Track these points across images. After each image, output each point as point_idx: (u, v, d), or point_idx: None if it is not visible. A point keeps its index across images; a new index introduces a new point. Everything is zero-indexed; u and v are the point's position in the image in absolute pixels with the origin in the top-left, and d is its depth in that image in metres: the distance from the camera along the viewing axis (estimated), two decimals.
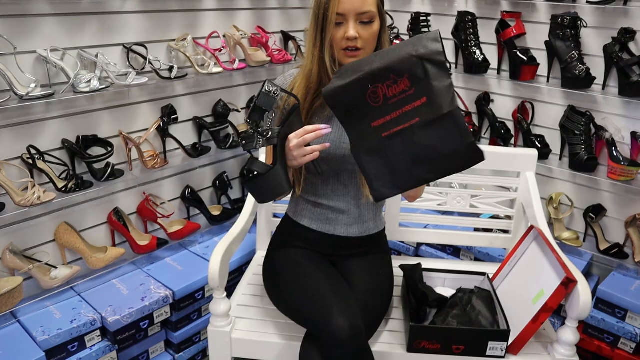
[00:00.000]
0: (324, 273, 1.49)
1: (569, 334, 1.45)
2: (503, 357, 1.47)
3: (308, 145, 1.32)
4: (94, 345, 1.79)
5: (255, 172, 1.30)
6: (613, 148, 2.08)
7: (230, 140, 2.32)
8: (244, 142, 1.29)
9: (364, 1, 1.34)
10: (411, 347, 1.48)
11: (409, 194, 1.48)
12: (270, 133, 1.29)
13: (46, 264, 1.84)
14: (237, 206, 2.48)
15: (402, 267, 1.73)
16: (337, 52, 1.39)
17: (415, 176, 1.23)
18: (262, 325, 1.60)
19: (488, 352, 1.47)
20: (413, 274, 1.68)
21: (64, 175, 1.86)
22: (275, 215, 2.02)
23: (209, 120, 2.33)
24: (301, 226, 1.59)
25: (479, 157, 1.18)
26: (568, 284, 1.41)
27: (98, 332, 1.80)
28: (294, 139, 1.30)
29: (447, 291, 1.71)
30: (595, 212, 2.22)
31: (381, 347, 1.51)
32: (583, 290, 1.40)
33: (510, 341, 1.47)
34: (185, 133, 2.26)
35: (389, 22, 2.48)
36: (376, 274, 1.58)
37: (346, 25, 1.35)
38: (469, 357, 1.48)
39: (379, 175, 1.25)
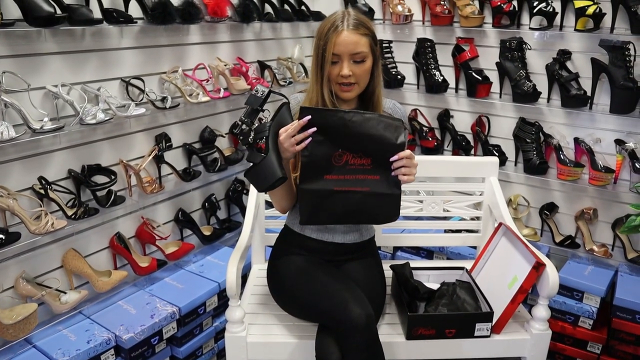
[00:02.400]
0: (329, 272, 1.65)
1: (542, 310, 1.69)
2: (489, 336, 1.68)
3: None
4: None
5: (252, 163, 1.49)
6: (560, 152, 2.40)
7: (218, 164, 2.48)
8: (240, 137, 1.49)
9: (356, 44, 1.51)
10: (410, 335, 1.67)
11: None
12: (261, 128, 1.48)
13: (56, 289, 1.93)
14: (225, 226, 2.62)
15: (392, 267, 1.92)
16: (334, 86, 1.57)
17: (337, 219, 1.60)
18: (273, 328, 1.73)
19: (476, 333, 1.68)
20: (403, 271, 1.88)
21: (70, 204, 1.96)
22: (268, 231, 2.17)
23: (197, 145, 2.48)
24: (301, 235, 1.73)
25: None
26: (538, 267, 1.65)
27: (112, 351, 1.89)
28: (284, 132, 1.47)
29: (432, 285, 1.92)
30: (549, 210, 2.52)
31: (382, 337, 1.69)
32: (551, 272, 1.65)
33: (493, 322, 1.69)
34: (176, 159, 2.40)
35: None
36: (372, 274, 1.76)
37: (341, 64, 1.53)
38: (459, 339, 1.68)
39: (311, 208, 1.55)
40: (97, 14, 1.91)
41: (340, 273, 1.68)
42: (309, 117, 1.47)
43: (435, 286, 1.89)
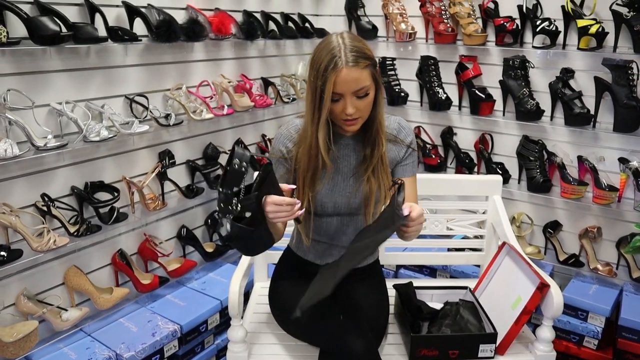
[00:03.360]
0: (331, 296, 1.64)
1: (546, 332, 1.67)
2: (492, 357, 1.66)
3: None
4: None
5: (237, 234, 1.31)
6: (564, 171, 2.39)
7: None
8: (221, 206, 1.28)
9: (358, 80, 1.37)
10: (413, 356, 1.65)
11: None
12: (246, 201, 1.29)
13: (57, 306, 1.92)
14: (227, 243, 2.61)
15: (395, 286, 1.91)
16: (337, 121, 1.46)
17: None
18: (275, 348, 1.72)
19: (480, 354, 1.66)
20: (407, 291, 1.86)
21: (73, 220, 1.96)
22: (270, 248, 2.16)
23: (201, 162, 2.49)
24: (303, 260, 1.71)
25: None
26: (542, 288, 1.64)
27: None
28: (271, 205, 1.32)
29: (435, 305, 1.91)
30: (552, 228, 2.51)
31: (385, 358, 1.67)
32: (556, 293, 1.63)
33: (497, 343, 1.68)
34: (179, 175, 2.40)
35: None
36: (375, 294, 1.75)
37: (344, 101, 1.39)
38: None
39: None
40: (102, 32, 1.92)
41: (342, 296, 1.66)
42: (302, 210, 1.37)
43: (438, 306, 1.88)
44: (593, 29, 2.22)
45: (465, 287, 1.96)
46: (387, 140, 1.59)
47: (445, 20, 2.63)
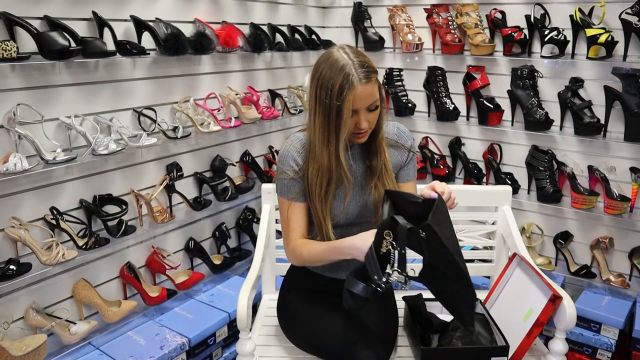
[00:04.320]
0: (340, 310, 1.61)
1: (559, 344, 1.64)
2: None
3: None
4: None
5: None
6: (574, 181, 2.36)
7: (229, 193, 2.47)
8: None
9: (372, 95, 1.40)
10: None
11: None
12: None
13: (66, 320, 1.92)
14: (235, 254, 2.61)
15: (404, 298, 1.89)
16: (348, 135, 1.45)
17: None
18: None
19: None
20: (416, 303, 1.84)
21: (81, 234, 1.96)
22: (278, 260, 2.15)
23: (208, 174, 2.49)
24: (312, 273, 1.69)
25: None
26: (555, 300, 1.61)
27: None
28: None
29: (445, 317, 1.89)
30: (563, 238, 2.48)
31: None
32: (568, 305, 1.60)
33: (509, 356, 1.65)
34: (187, 188, 2.40)
35: None
36: (384, 307, 1.73)
37: (357, 117, 1.41)
38: None
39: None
40: (110, 46, 1.94)
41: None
42: None
43: (448, 318, 1.86)
44: (602, 38, 2.21)
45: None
46: (389, 146, 1.60)
47: (453, 31, 2.63)
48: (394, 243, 1.29)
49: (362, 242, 1.38)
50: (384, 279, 1.28)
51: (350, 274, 1.35)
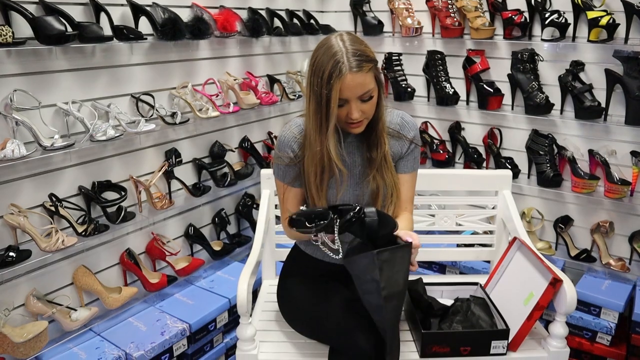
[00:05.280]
0: (339, 295, 1.61)
1: (559, 327, 1.64)
2: (505, 354, 1.64)
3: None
4: None
5: None
6: (575, 165, 2.36)
7: (228, 179, 2.47)
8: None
9: (363, 84, 1.35)
10: (424, 353, 1.63)
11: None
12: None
13: (67, 306, 1.92)
14: (235, 240, 2.61)
15: None
16: (342, 124, 1.45)
17: None
18: (284, 346, 1.71)
19: (492, 351, 1.64)
20: (416, 287, 1.85)
21: (80, 220, 1.96)
22: (278, 246, 2.15)
23: (207, 160, 2.48)
24: (312, 258, 1.70)
25: None
26: (555, 283, 1.61)
27: None
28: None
29: (446, 301, 1.89)
30: (563, 223, 2.48)
31: None
32: (569, 288, 1.61)
33: (509, 339, 1.65)
34: (186, 174, 2.39)
35: None
36: None
37: (348, 106, 1.38)
38: (474, 357, 1.65)
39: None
40: (107, 31, 1.91)
41: (350, 295, 1.65)
42: None
43: (448, 302, 1.86)
44: (604, 21, 2.19)
45: (475, 283, 1.94)
46: (390, 136, 1.57)
47: (452, 14, 2.60)
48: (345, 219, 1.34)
49: None
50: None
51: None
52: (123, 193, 2.03)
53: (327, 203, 1.55)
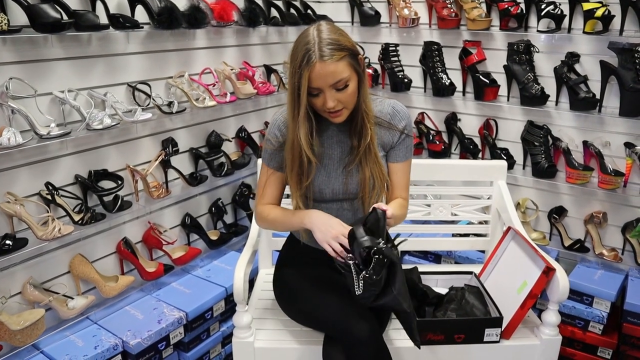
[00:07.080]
0: (335, 282, 1.64)
1: (552, 315, 1.67)
2: (498, 341, 1.67)
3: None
4: None
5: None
6: (569, 156, 2.37)
7: (225, 169, 2.47)
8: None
9: (334, 73, 1.36)
10: (419, 340, 1.66)
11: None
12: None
13: (63, 295, 1.93)
14: (232, 230, 2.62)
15: None
16: (322, 114, 1.47)
17: None
18: (280, 334, 1.73)
19: (485, 338, 1.66)
20: (411, 276, 1.86)
21: (77, 209, 1.96)
22: (275, 235, 2.16)
23: (204, 150, 2.48)
24: (307, 247, 1.70)
25: None
26: (548, 272, 1.64)
27: (119, 357, 1.89)
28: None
29: (441, 290, 1.91)
30: (557, 213, 2.50)
31: (390, 343, 1.67)
32: (561, 277, 1.63)
33: (503, 327, 1.68)
34: (182, 163, 2.39)
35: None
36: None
37: (323, 96, 1.40)
38: (468, 344, 1.67)
39: None
40: (103, 19, 1.91)
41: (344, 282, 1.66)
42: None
43: (443, 291, 1.88)
44: (599, 12, 2.20)
45: (470, 272, 1.96)
46: (380, 126, 1.57)
47: (449, 5, 2.60)
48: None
49: (324, 227, 1.46)
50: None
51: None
52: (120, 182, 2.03)
53: (314, 186, 1.57)
